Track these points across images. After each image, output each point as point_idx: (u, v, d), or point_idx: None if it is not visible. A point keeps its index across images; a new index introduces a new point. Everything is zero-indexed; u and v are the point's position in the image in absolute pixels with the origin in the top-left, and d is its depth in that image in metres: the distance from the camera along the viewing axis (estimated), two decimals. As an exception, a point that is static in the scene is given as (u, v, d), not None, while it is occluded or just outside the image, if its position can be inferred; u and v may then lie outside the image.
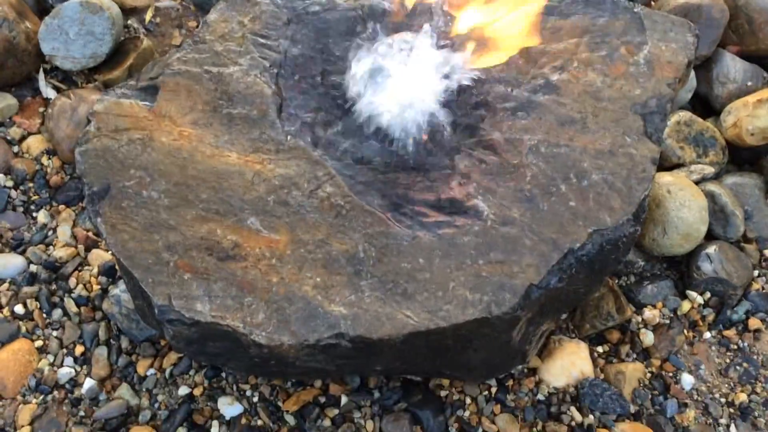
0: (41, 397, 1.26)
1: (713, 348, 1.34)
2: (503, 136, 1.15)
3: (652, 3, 1.67)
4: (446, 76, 1.21)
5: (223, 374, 1.28)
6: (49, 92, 1.57)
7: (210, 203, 1.09)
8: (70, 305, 1.34)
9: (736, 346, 1.34)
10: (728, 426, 1.26)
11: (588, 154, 1.13)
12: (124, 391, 1.26)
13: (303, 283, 1.02)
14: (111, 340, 1.31)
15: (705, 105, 1.59)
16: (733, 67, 1.55)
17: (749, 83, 1.55)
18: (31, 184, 1.48)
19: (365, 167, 1.14)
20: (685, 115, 1.48)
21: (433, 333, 0.99)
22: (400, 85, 1.19)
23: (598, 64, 1.21)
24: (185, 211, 1.08)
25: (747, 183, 1.46)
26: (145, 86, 1.21)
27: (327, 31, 1.29)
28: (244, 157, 1.13)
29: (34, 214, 1.46)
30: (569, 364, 1.28)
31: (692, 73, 1.55)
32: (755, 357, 1.33)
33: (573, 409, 1.24)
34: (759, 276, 1.41)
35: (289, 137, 1.16)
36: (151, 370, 1.29)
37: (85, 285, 1.37)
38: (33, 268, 1.38)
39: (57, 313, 1.34)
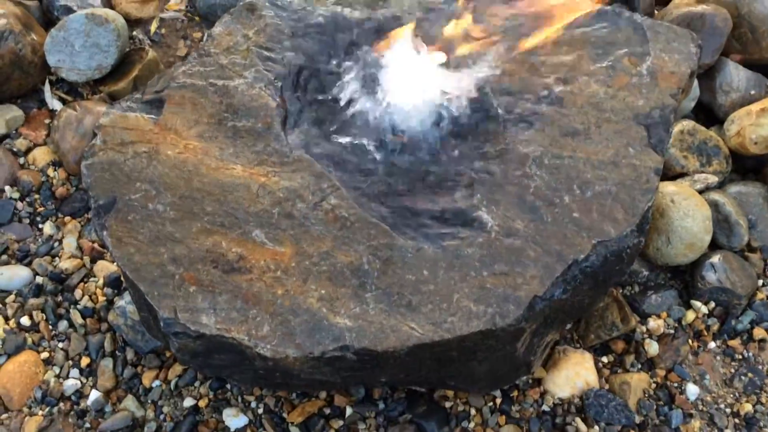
0: (47, 409, 1.26)
1: (718, 358, 1.34)
2: (507, 147, 1.16)
3: (655, 12, 1.68)
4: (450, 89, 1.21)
5: (228, 386, 1.28)
6: (54, 104, 1.58)
7: (215, 216, 1.09)
8: (76, 317, 1.35)
9: (740, 356, 1.34)
10: (734, 436, 1.26)
11: (591, 165, 1.13)
12: (129, 402, 1.27)
13: (308, 295, 1.03)
14: (116, 352, 1.32)
15: (708, 114, 1.59)
16: (736, 75, 1.55)
17: (752, 92, 1.55)
18: (36, 196, 1.49)
19: (369, 179, 1.15)
20: (688, 124, 1.49)
21: (438, 345, 1.00)
22: (404, 96, 1.20)
23: (601, 75, 1.22)
24: (191, 224, 1.09)
25: (751, 192, 1.46)
26: (150, 99, 1.22)
27: (329, 43, 1.30)
28: (249, 170, 1.14)
29: (40, 226, 1.46)
30: (574, 374, 1.28)
31: (695, 82, 1.55)
32: (760, 367, 1.33)
33: (578, 420, 1.24)
34: (763, 285, 1.41)
35: (293, 149, 1.16)
36: (157, 382, 1.29)
37: (90, 296, 1.37)
38: (39, 279, 1.39)
39: (63, 324, 1.34)
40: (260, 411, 1.25)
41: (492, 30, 1.30)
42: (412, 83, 1.21)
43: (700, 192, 1.41)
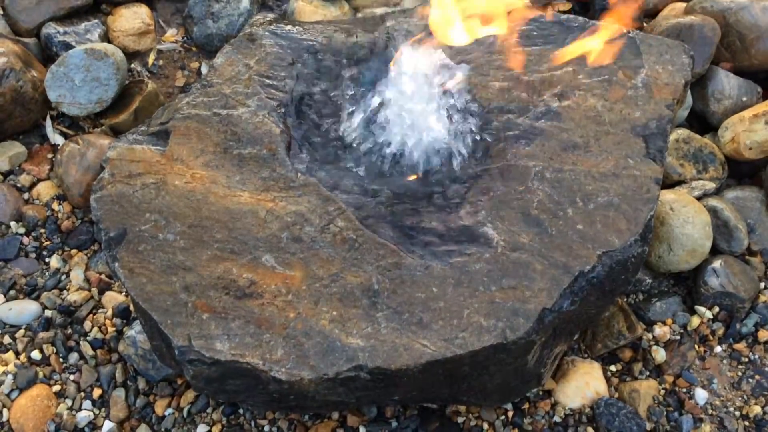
0: (62, 442, 1.27)
1: (724, 362, 1.36)
2: (509, 163, 1.18)
3: (644, 25, 1.71)
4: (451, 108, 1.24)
5: (241, 411, 1.28)
6: (56, 139, 1.60)
7: (225, 243, 1.11)
8: (86, 348, 1.35)
9: (747, 359, 1.36)
10: (744, 439, 1.27)
11: (592, 177, 1.15)
12: None
13: (320, 317, 1.04)
14: (128, 382, 1.32)
15: (702, 121, 1.62)
16: (727, 83, 1.58)
17: (744, 98, 1.57)
18: (42, 230, 1.50)
19: (374, 200, 1.16)
20: (683, 132, 1.51)
21: (450, 361, 1.01)
22: (406, 117, 1.21)
23: (597, 89, 1.24)
24: (201, 252, 1.10)
25: (748, 196, 1.49)
26: (156, 131, 1.24)
27: (327, 69, 1.32)
28: (256, 196, 1.15)
29: (47, 260, 1.47)
30: (584, 384, 1.29)
31: (688, 91, 1.58)
32: (767, 369, 1.34)
33: (590, 429, 1.25)
34: (766, 288, 1.42)
35: (299, 174, 1.18)
36: (169, 410, 1.30)
37: (100, 327, 1.38)
38: (48, 313, 1.40)
39: (73, 356, 1.35)
40: (274, 435, 1.26)
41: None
42: (415, 104, 1.23)
43: (698, 199, 1.43)
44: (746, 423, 1.29)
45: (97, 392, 1.32)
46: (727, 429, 1.28)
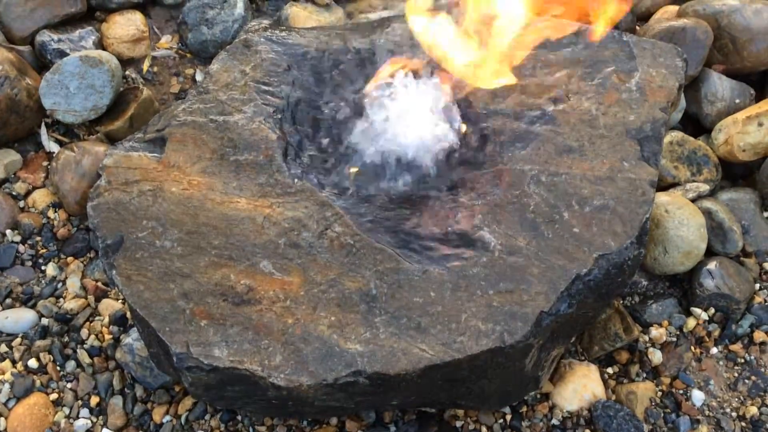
0: (60, 451, 1.26)
1: (721, 363, 1.36)
2: (504, 167, 1.18)
3: (637, 28, 1.72)
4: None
5: (239, 417, 1.28)
6: (51, 146, 1.60)
7: (222, 249, 1.11)
8: (83, 356, 1.35)
9: (743, 360, 1.36)
10: (741, 440, 1.28)
11: (588, 180, 1.15)
12: (141, 439, 1.27)
13: (318, 323, 1.04)
14: (125, 389, 1.32)
15: (695, 124, 1.62)
16: (720, 86, 1.59)
17: (737, 101, 1.58)
18: (38, 238, 1.50)
19: (372, 205, 1.17)
20: (676, 135, 1.52)
21: (449, 365, 1.01)
22: (401, 123, 1.22)
23: (592, 93, 1.25)
24: (198, 259, 1.10)
25: (742, 198, 1.50)
26: (152, 138, 1.24)
27: (326, 75, 1.32)
28: (254, 202, 1.16)
29: (43, 268, 1.47)
30: (581, 387, 1.29)
31: (681, 94, 1.59)
32: (763, 369, 1.35)
33: (588, 432, 1.26)
34: (761, 289, 1.43)
35: (296, 180, 1.18)
36: (167, 417, 1.29)
37: (97, 335, 1.38)
38: (44, 321, 1.39)
39: (70, 365, 1.35)
40: (273, 441, 1.26)
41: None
42: (409, 110, 1.24)
43: (693, 201, 1.44)
44: (743, 424, 1.29)
45: (94, 400, 1.31)
46: (724, 430, 1.28)
